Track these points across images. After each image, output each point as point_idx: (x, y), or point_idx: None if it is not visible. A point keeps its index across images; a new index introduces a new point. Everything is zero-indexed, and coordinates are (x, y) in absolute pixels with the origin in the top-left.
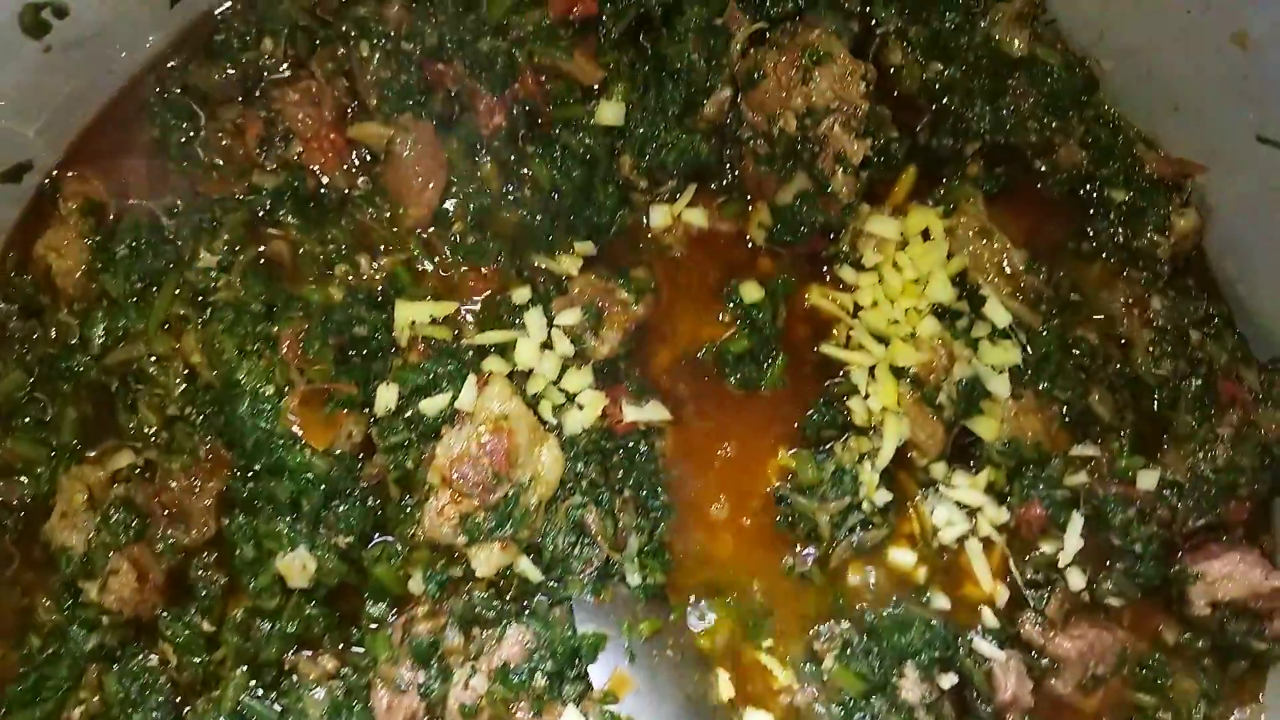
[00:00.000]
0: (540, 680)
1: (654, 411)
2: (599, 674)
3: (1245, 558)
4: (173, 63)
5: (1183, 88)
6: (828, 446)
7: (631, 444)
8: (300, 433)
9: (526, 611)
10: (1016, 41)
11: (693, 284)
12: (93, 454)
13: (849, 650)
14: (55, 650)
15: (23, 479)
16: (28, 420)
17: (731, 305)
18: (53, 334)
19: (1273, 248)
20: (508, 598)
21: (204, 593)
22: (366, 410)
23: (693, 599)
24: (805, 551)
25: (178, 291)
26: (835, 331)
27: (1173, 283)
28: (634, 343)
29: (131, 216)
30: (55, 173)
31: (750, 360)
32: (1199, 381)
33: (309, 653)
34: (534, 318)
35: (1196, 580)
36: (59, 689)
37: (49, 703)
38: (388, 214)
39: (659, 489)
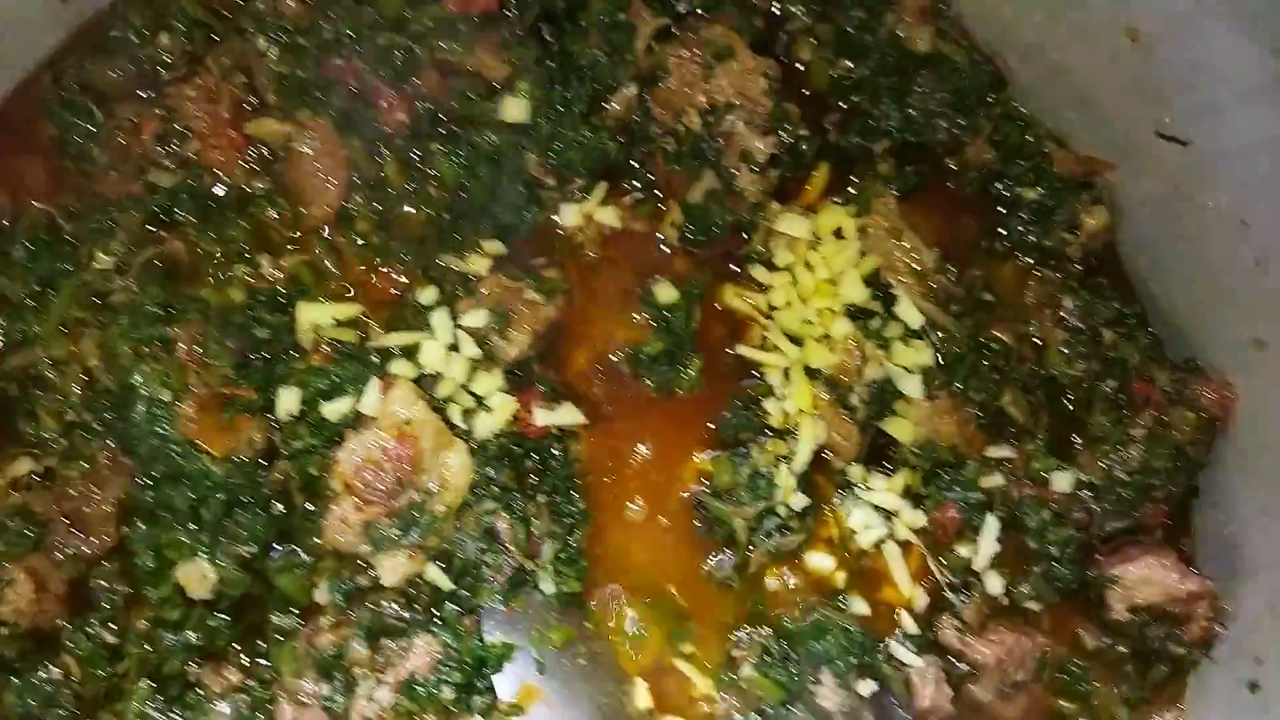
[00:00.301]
0: (448, 693)
1: (567, 415)
2: (507, 684)
3: (1162, 561)
4: (69, 61)
5: (1086, 84)
6: (744, 450)
7: (545, 448)
8: (198, 439)
9: (436, 621)
10: (920, 38)
11: (607, 285)
12: None
13: (767, 658)
14: None
15: None
16: None
17: (646, 306)
18: None
19: (1182, 246)
20: (417, 606)
21: (106, 603)
22: (268, 415)
23: (609, 606)
24: (723, 556)
25: (75, 294)
26: (751, 332)
27: (1085, 282)
28: (545, 345)
29: (29, 218)
30: None
31: (666, 362)
32: (1113, 382)
33: (213, 665)
34: (439, 319)
35: (1114, 584)
36: None
37: None
38: (289, 213)
39: (574, 494)
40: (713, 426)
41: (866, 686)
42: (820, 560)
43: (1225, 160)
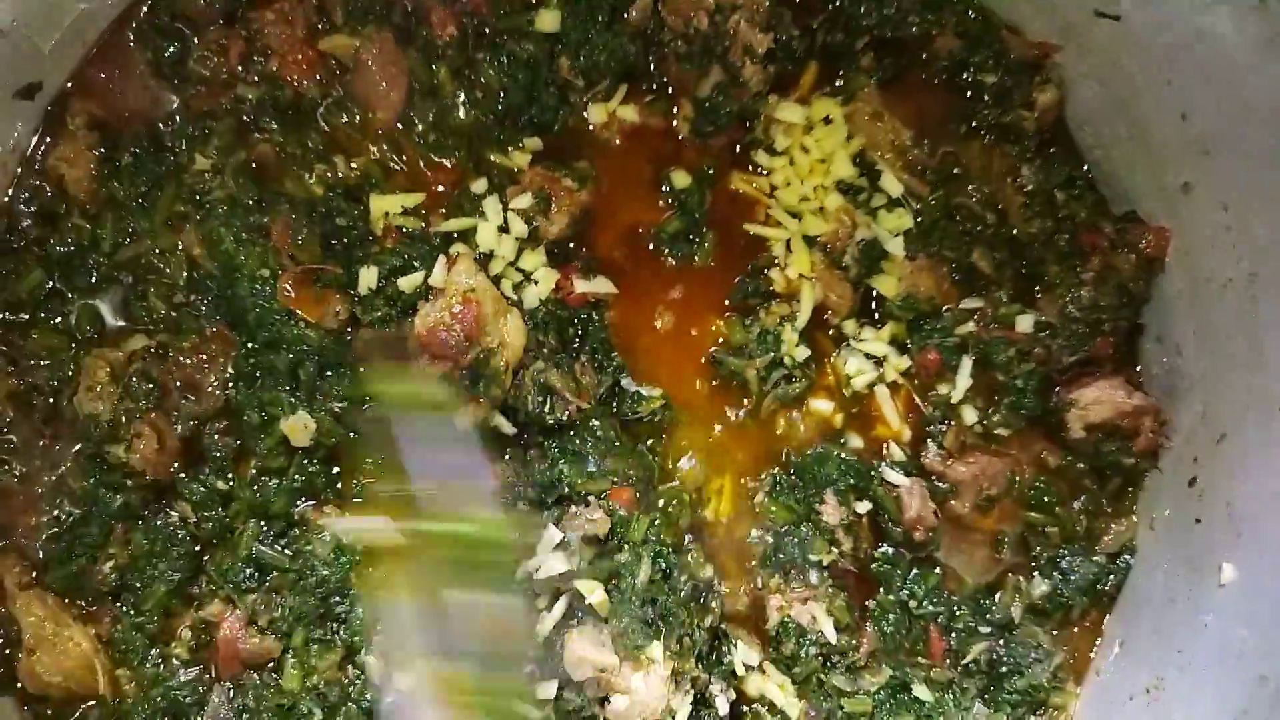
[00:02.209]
0: (521, 506)
1: (601, 284)
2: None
3: (1112, 383)
4: None
5: None
6: (754, 314)
7: (583, 315)
8: (295, 308)
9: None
10: None
11: (630, 175)
12: (110, 340)
13: (777, 487)
14: (85, 512)
15: (48, 363)
16: (50, 314)
17: (665, 191)
18: (69, 237)
19: (1121, 115)
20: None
21: (217, 455)
22: (351, 292)
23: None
24: (740, 408)
25: (177, 193)
26: (756, 211)
27: (1040, 153)
28: (581, 226)
29: (133, 129)
30: (64, 92)
31: (683, 240)
32: (1065, 236)
33: (314, 505)
34: (491, 204)
35: (1071, 406)
36: (91, 546)
37: (82, 558)
38: (358, 118)
39: (611, 354)
40: (725, 295)
41: (863, 505)
42: (822, 404)
43: (1150, 30)
